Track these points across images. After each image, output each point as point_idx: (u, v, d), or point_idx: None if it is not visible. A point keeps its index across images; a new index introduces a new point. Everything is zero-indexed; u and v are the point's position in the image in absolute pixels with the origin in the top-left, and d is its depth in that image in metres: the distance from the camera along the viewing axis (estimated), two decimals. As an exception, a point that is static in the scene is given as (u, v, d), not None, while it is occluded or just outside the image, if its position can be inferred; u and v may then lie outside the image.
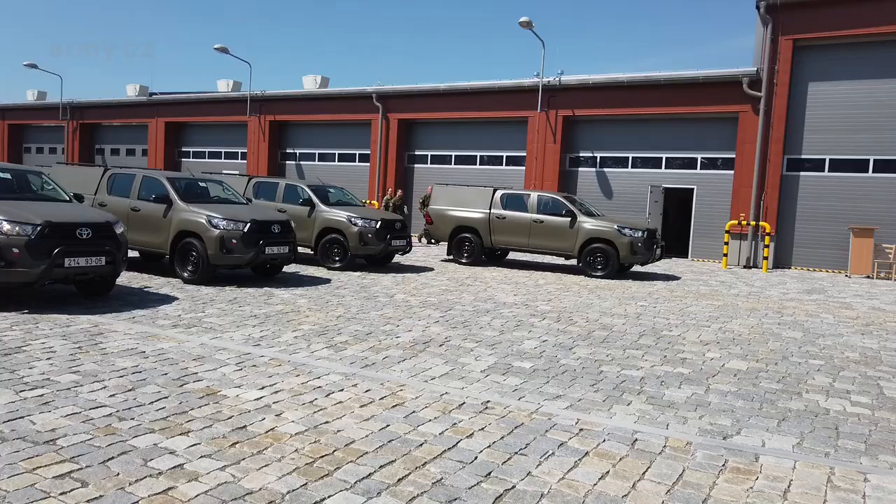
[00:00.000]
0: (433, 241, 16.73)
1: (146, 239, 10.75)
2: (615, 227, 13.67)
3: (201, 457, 3.75)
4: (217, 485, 3.43)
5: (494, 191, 15.12)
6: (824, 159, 17.68)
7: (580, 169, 21.66)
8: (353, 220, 12.89)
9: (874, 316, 10.19)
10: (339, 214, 13.07)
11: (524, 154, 22.26)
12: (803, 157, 17.90)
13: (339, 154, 26.68)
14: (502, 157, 23.13)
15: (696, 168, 19.79)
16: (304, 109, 26.50)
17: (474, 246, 14.96)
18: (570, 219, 14.01)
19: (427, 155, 24.72)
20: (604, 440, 4.36)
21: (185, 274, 10.35)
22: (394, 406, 4.83)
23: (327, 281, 11.33)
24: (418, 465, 3.78)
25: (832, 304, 11.23)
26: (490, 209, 14.88)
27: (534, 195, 14.82)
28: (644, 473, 3.85)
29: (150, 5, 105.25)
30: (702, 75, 18.78)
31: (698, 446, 4.33)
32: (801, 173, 17.94)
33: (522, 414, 4.80)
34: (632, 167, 20.77)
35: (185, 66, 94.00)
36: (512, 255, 17.23)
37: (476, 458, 3.94)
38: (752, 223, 17.86)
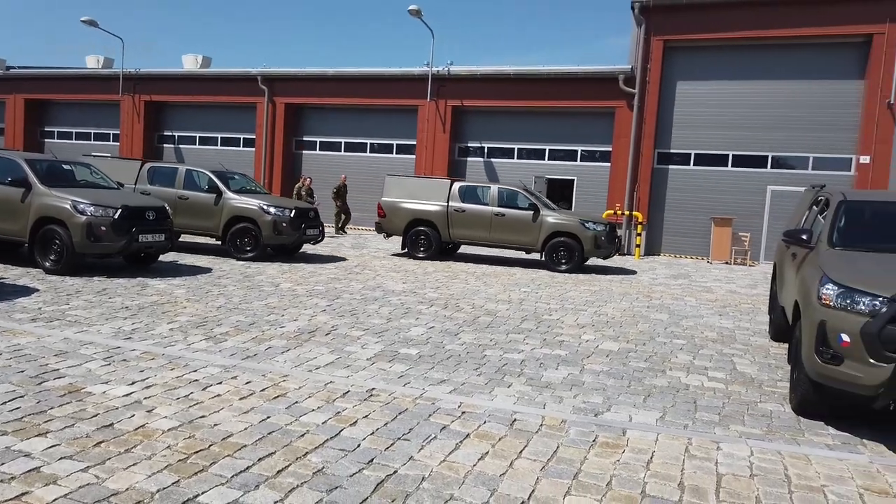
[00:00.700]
0: (385, 234, 15.52)
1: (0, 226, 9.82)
2: (578, 220, 13.65)
3: (61, 458, 3.50)
4: (78, 487, 3.21)
5: (452, 182, 14.67)
6: (690, 153, 19.04)
7: (469, 159, 22.03)
8: (265, 208, 12.41)
9: (730, 298, 11.13)
10: (251, 202, 12.54)
11: (414, 142, 22.32)
12: (672, 151, 19.18)
13: (221, 138, 25.53)
14: (393, 145, 23.07)
15: (576, 160, 20.68)
16: (184, 90, 25.11)
17: (431, 240, 14.43)
18: (532, 212, 13.75)
19: (316, 141, 24.20)
20: (484, 422, 4.49)
21: (47, 264, 9.54)
22: (275, 397, 4.73)
23: (208, 270, 10.86)
24: (299, 456, 3.73)
25: (695, 288, 12.16)
26: (448, 202, 14.35)
27: (494, 188, 14.40)
28: (521, 452, 4.01)
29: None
30: (582, 71, 19.61)
31: (572, 424, 4.57)
32: (670, 166, 19.23)
33: (407, 400, 4.85)
34: (517, 158, 21.38)
35: (48, 41, 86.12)
36: (463, 249, 16.94)
37: (359, 445, 3.95)
38: (627, 213, 18.94)
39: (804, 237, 5.88)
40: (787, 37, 17.56)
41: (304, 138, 24.34)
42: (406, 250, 14.78)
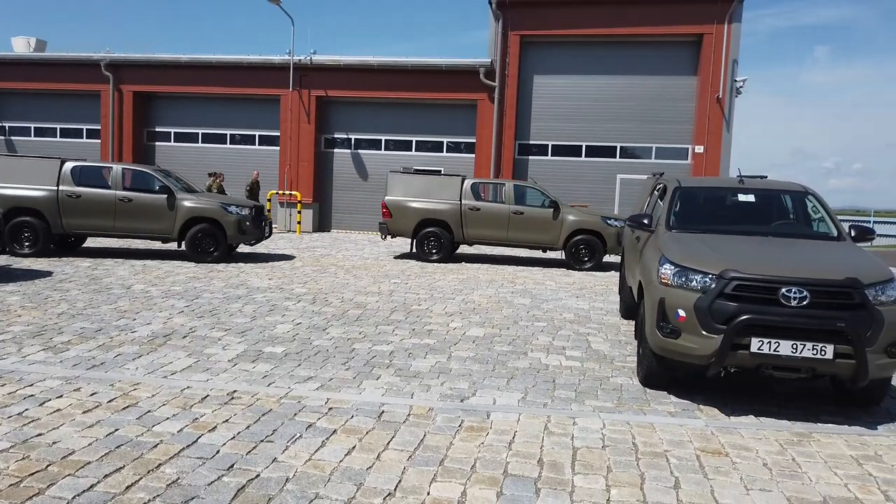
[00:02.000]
0: (388, 235, 14.36)
1: None
2: (600, 217, 13.42)
3: None
4: None
5: (463, 179, 13.94)
6: (548, 144, 19.97)
7: (336, 150, 21.70)
8: (227, 207, 12.22)
9: (587, 281, 11.83)
10: (210, 202, 12.29)
11: (278, 133, 21.63)
12: (531, 142, 20.02)
13: (61, 129, 23.31)
14: (255, 136, 22.21)
15: (442, 151, 21.00)
16: (15, 76, 22.62)
17: (443, 241, 13.71)
18: (553, 210, 13.44)
19: (170, 132, 22.75)
20: (352, 416, 4.46)
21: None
22: (125, 408, 4.41)
23: (48, 274, 9.91)
24: (151, 469, 3.51)
25: (555, 273, 12.79)
26: (461, 200, 13.69)
27: (509, 184, 13.91)
28: (389, 444, 4.02)
29: None
30: (444, 63, 19.91)
31: (439, 411, 4.65)
32: (530, 157, 20.07)
33: (271, 400, 4.71)
34: (385, 149, 21.35)
35: None
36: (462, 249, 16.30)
37: (218, 451, 3.78)
38: (493, 202, 19.52)
39: (645, 222, 6.36)
40: (630, 35, 18.86)
41: (157, 129, 22.81)
42: (415, 252, 13.94)
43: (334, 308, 8.24)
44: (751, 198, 6.38)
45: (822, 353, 4.49)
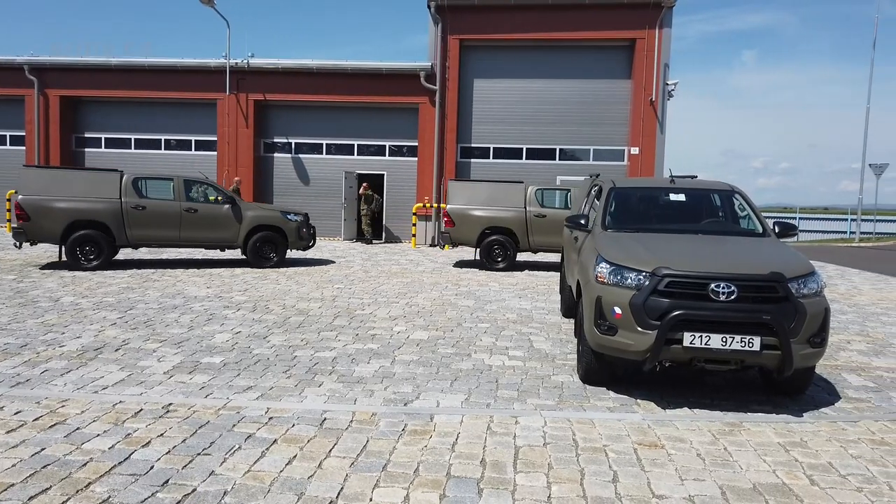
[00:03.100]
0: (448, 244, 14.03)
1: None
2: None
3: None
4: None
5: (527, 186, 13.80)
6: (489, 147, 20.18)
7: (276, 154, 21.34)
8: (287, 215, 13.01)
9: (529, 281, 11.99)
10: (272, 211, 13.21)
11: (215, 138, 21.12)
12: (473, 145, 20.18)
13: (-19, 135, 22.17)
14: (191, 141, 21.63)
15: (385, 155, 20.94)
16: (-74, 79, 21.38)
17: (508, 249, 13.50)
18: None
19: (100, 138, 21.91)
20: (293, 425, 4.39)
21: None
22: (52, 426, 4.21)
23: (-33, 288, 9.39)
24: (80, 488, 3.37)
25: (499, 274, 12.91)
26: (525, 207, 13.53)
27: (574, 190, 13.43)
28: (331, 451, 3.98)
29: None
30: (385, 67, 19.87)
31: (382, 416, 4.63)
32: (472, 160, 20.22)
33: (209, 412, 4.59)
34: (326, 153, 21.13)
35: None
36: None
37: (152, 467, 3.65)
38: (435, 205, 19.60)
39: (582, 222, 6.50)
40: (567, 39, 19.26)
41: (87, 135, 21.95)
42: (481, 260, 13.69)
43: (275, 315, 8.10)
44: (681, 197, 6.60)
45: (750, 345, 4.68)
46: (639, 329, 4.90)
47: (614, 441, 4.27)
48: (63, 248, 11.84)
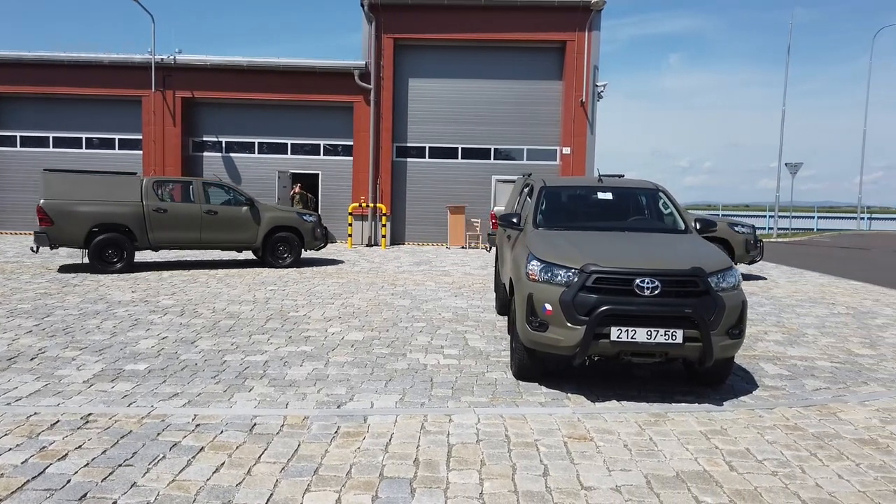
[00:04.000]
0: (493, 247, 14.14)
1: None
2: (727, 224, 12.45)
3: None
4: None
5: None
6: (425, 147, 20.20)
7: (205, 154, 20.74)
8: (303, 216, 13.36)
9: (465, 280, 12.07)
10: (289, 212, 13.50)
11: (140, 137, 20.34)
12: (409, 145, 20.16)
13: None
14: (115, 139, 20.75)
15: (320, 154, 20.65)
16: None
17: None
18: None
19: (15, 136, 20.75)
20: (221, 431, 4.27)
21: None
22: (-42, 442, 3.96)
23: None
24: (-12, 507, 3.18)
25: (434, 273, 12.95)
26: None
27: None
28: (260, 457, 3.89)
29: None
30: (318, 65, 19.60)
31: (315, 419, 4.56)
32: (408, 159, 20.21)
33: (131, 421, 4.41)
34: (259, 153, 20.68)
35: None
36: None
37: (69, 481, 3.49)
38: (371, 205, 19.48)
39: (515, 221, 6.58)
40: (500, 40, 19.48)
41: (1, 133, 20.73)
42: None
43: (204, 319, 7.87)
44: (609, 196, 6.78)
45: (673, 337, 4.85)
46: (568, 325, 5.00)
47: (545, 435, 4.35)
48: (87, 252, 12.00)
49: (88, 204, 11.84)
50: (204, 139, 20.69)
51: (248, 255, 15.22)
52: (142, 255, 14.45)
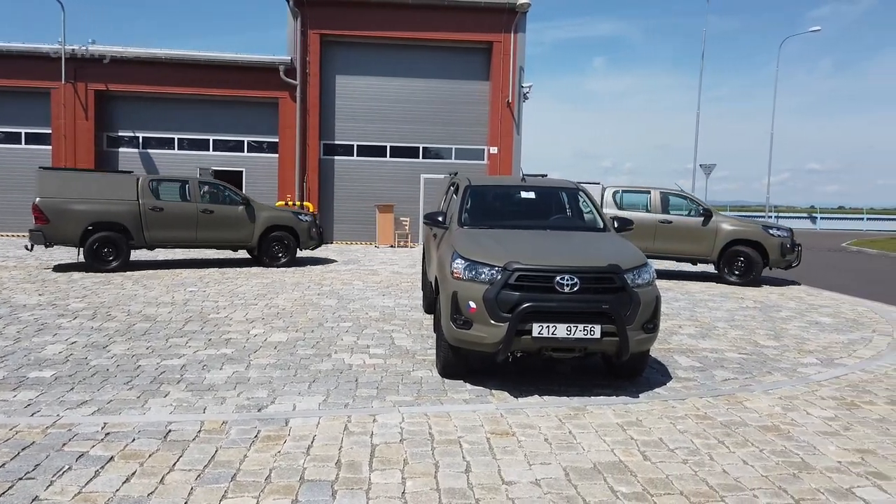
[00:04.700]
0: None
1: None
2: (761, 227, 12.39)
3: None
4: None
5: (604, 189, 13.12)
6: (353, 145, 20.02)
7: (121, 149, 19.86)
8: (298, 216, 13.45)
9: (393, 279, 12.04)
10: (284, 212, 13.55)
11: (49, 131, 19.25)
12: (336, 142, 19.93)
13: None
14: (21, 133, 19.57)
15: (244, 151, 20.14)
16: None
17: None
18: (703, 218, 12.45)
19: None
20: (133, 439, 4.09)
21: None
22: None
23: None
24: None
25: (363, 272, 12.85)
26: (602, 209, 12.62)
27: (655, 193, 12.91)
28: (175, 465, 3.75)
29: None
30: (242, 60, 19.09)
31: (233, 423, 4.44)
32: (336, 157, 19.97)
33: (34, 431, 4.16)
34: (179, 149, 19.97)
35: None
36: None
37: (-39, 498, 3.26)
38: (298, 203, 19.13)
39: (440, 219, 6.62)
40: (428, 39, 19.52)
41: None
42: None
43: (118, 323, 7.52)
44: (532, 195, 6.91)
45: (592, 332, 4.99)
46: (492, 322, 5.06)
47: (469, 432, 4.39)
48: (82, 250, 11.93)
49: (85, 202, 11.79)
50: (120, 134, 19.80)
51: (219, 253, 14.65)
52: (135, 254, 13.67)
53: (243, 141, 20.09)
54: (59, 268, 12.29)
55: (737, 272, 12.21)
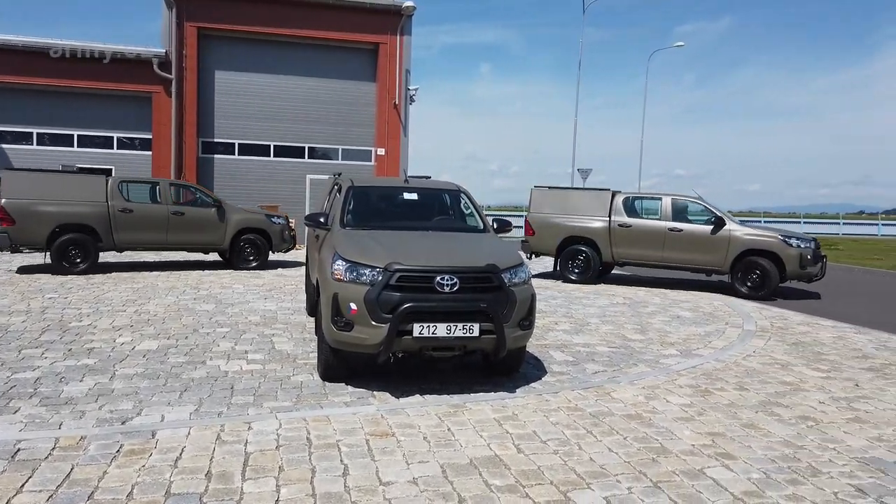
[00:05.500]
0: (532, 254, 13.37)
1: None
2: (780, 236, 11.50)
3: None
4: None
5: (614, 195, 12.72)
6: (235, 143, 19.29)
7: (-32, 143, 17.97)
8: (271, 218, 13.32)
9: (276, 282, 11.70)
10: (257, 214, 13.42)
11: None
12: (216, 140, 19.12)
13: None
14: None
15: (113, 147, 18.87)
16: None
17: (590, 260, 12.59)
18: (713, 226, 11.76)
19: None
20: (-26, 462, 3.72)
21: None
22: None
23: None
24: None
25: (244, 275, 12.40)
26: (610, 216, 12.53)
27: (666, 199, 12.34)
28: (23, 486, 3.45)
29: None
30: (111, 50, 17.89)
31: (93, 438, 4.14)
32: (216, 156, 19.16)
33: None
34: (38, 144, 18.39)
35: None
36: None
37: None
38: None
39: (322, 220, 6.52)
40: (314, 37, 19.18)
41: None
42: (558, 271, 13.09)
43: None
44: (414, 196, 6.96)
45: (470, 331, 5.11)
46: (373, 323, 5.05)
47: (348, 435, 4.36)
48: (49, 253, 11.69)
49: (52, 203, 11.55)
50: (-34, 127, 17.93)
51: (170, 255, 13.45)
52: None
53: (113, 137, 18.82)
54: (23, 270, 11.10)
55: (749, 284, 11.47)
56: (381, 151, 19.70)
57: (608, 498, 3.57)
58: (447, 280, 5.14)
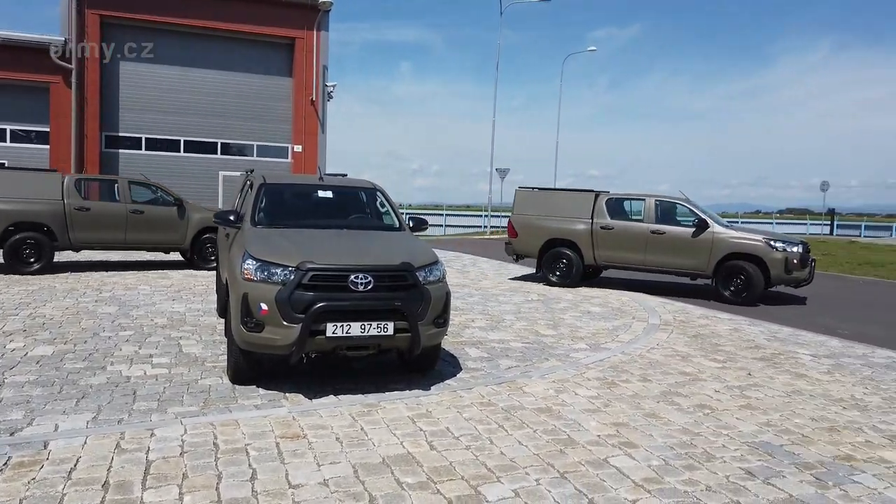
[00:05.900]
0: (516, 256, 13.24)
1: None
2: (763, 239, 11.11)
3: None
4: None
5: (597, 196, 12.36)
6: (141, 138, 18.44)
7: None
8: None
9: (186, 282, 11.25)
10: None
11: None
12: (121, 134, 18.21)
13: None
14: None
15: (6, 140, 17.63)
16: None
17: (572, 263, 12.30)
18: (695, 229, 11.36)
19: None
20: None
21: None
22: None
23: None
24: None
25: (151, 276, 11.87)
26: (593, 218, 12.21)
27: (650, 200, 11.96)
28: None
29: None
30: (3, 36, 16.71)
31: (-24, 452, 3.86)
32: (121, 150, 18.25)
33: None
34: (-83, 135, 16.93)
35: None
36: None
37: None
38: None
39: (231, 218, 6.32)
40: (227, 30, 18.61)
41: None
42: (540, 274, 12.89)
43: None
44: (329, 194, 6.87)
45: (385, 329, 5.10)
46: (284, 323, 4.96)
47: (257, 438, 4.25)
48: (1, 252, 11.43)
49: (5, 202, 11.26)
50: None
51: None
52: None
53: (5, 129, 17.58)
54: None
55: (732, 289, 11.12)
56: (299, 148, 19.34)
57: (517, 490, 3.66)
58: (361, 279, 5.10)
